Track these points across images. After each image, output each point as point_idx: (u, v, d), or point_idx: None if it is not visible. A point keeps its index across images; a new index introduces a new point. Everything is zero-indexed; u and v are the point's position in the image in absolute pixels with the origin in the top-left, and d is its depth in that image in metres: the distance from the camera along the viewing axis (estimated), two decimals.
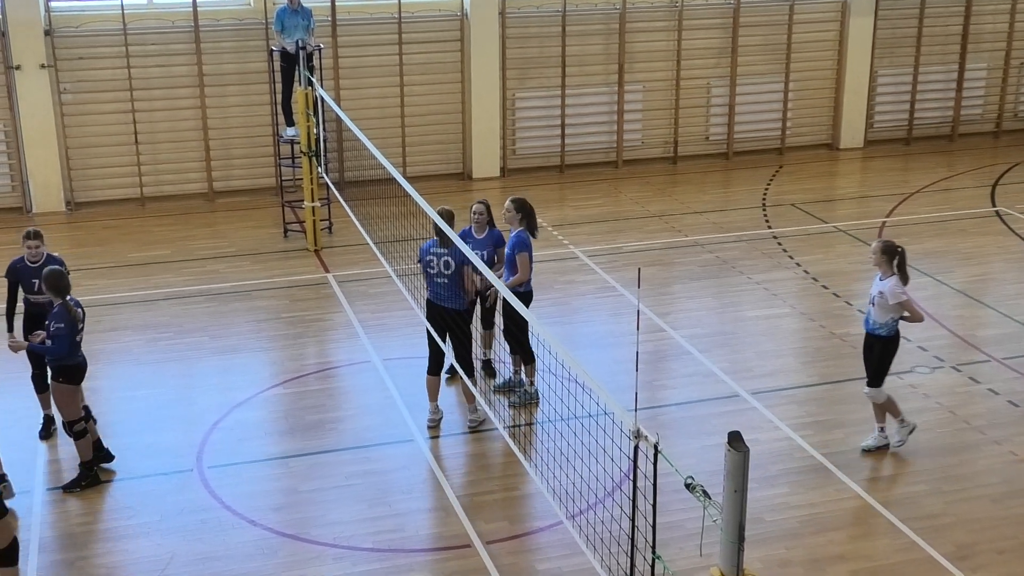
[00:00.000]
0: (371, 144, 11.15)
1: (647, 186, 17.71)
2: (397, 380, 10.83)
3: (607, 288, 13.25)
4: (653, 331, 11.93)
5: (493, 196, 17.99)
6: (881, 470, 9.30)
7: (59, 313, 8.59)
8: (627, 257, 14.36)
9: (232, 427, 10.00)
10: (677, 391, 10.60)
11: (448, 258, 9.40)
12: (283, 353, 11.60)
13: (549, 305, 12.68)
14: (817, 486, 9.05)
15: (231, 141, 17.16)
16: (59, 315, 8.59)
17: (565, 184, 18.00)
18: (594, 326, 12.18)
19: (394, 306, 12.62)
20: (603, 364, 11.00)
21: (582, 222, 15.88)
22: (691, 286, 13.37)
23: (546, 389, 10.15)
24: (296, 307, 12.82)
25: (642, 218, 16.06)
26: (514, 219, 9.97)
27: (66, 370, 8.75)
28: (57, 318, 8.59)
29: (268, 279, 13.71)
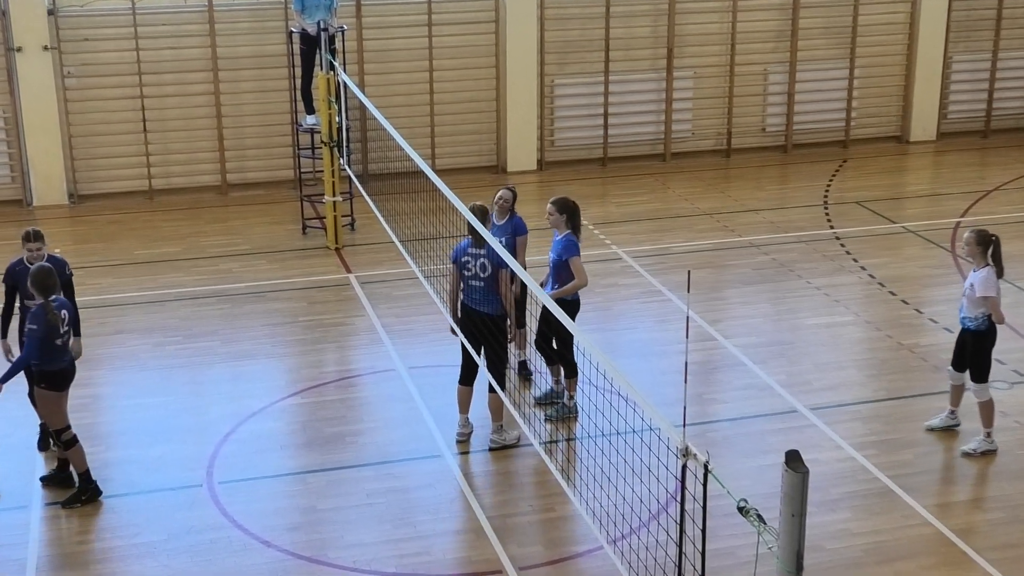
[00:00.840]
0: (397, 134, 11.18)
1: (697, 181, 17.65)
2: (424, 390, 10.85)
3: (653, 292, 13.22)
4: (703, 340, 11.89)
5: (529, 191, 18.01)
6: (954, 495, 9.22)
7: (36, 313, 8.63)
8: (675, 259, 14.32)
9: (245, 439, 10.06)
10: (729, 405, 10.56)
11: (484, 260, 9.42)
12: (301, 360, 11.65)
13: (590, 310, 12.66)
14: (883, 511, 8.98)
15: (246, 130, 17.27)
16: (36, 315, 8.62)
17: (608, 179, 17.97)
18: (638, 333, 12.16)
19: (421, 310, 12.65)
20: (648, 375, 10.97)
21: (626, 220, 15.85)
22: (745, 291, 13.32)
23: (586, 402, 10.14)
24: (315, 310, 12.87)
25: (692, 216, 16.01)
26: (559, 222, 9.97)
27: (48, 376, 8.77)
28: (33, 318, 8.62)
29: (285, 279, 13.77)
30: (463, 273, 9.53)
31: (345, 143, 14.34)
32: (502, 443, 9.83)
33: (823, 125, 19.33)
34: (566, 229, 9.95)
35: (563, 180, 17.47)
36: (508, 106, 17.84)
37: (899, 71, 19.41)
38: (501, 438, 9.84)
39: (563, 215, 9.93)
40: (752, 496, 6.31)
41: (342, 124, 14.22)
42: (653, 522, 8.51)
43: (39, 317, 8.62)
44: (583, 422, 10.07)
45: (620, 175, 18.06)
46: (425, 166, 10.14)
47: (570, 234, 9.93)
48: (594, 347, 6.91)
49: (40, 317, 8.61)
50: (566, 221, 9.95)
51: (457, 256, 9.58)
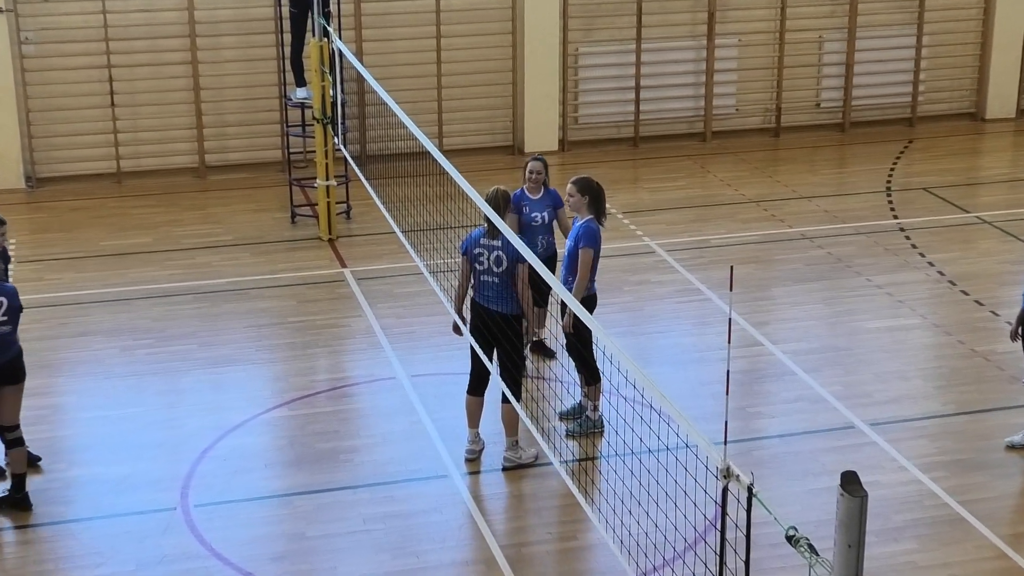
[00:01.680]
0: (400, 110, 11.18)
1: (742, 164, 17.62)
2: (428, 401, 10.85)
3: (690, 291, 13.20)
4: (748, 345, 11.86)
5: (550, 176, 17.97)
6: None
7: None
8: (716, 252, 14.30)
9: (225, 456, 10.07)
10: (777, 420, 10.54)
11: (500, 252, 9.41)
12: (288, 366, 11.66)
13: (617, 311, 12.65)
14: (953, 541, 8.95)
15: (228, 104, 17.29)
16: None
17: (640, 161, 17.94)
18: (673, 338, 12.14)
19: (426, 310, 12.65)
20: (684, 385, 10.95)
21: (660, 208, 15.82)
22: (796, 290, 13.28)
23: (613, 416, 10.13)
24: (305, 310, 12.89)
25: (735, 204, 15.98)
26: (580, 204, 9.94)
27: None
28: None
29: (271, 275, 13.79)
30: (475, 267, 9.53)
31: (340, 120, 14.35)
32: (517, 462, 9.83)
33: (886, 100, 19.27)
34: (588, 214, 9.92)
35: (588, 162, 17.45)
36: (526, 78, 17.83)
37: (974, 39, 19.34)
38: (516, 456, 9.84)
39: (585, 197, 9.90)
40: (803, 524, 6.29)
41: (337, 98, 14.23)
42: (689, 553, 8.49)
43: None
44: (610, 438, 10.05)
45: (653, 157, 18.03)
46: (431, 146, 10.14)
47: (591, 220, 9.90)
48: (622, 353, 6.89)
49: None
50: (588, 204, 9.92)
51: (468, 247, 9.56)
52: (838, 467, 9.49)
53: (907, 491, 9.53)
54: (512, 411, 9.59)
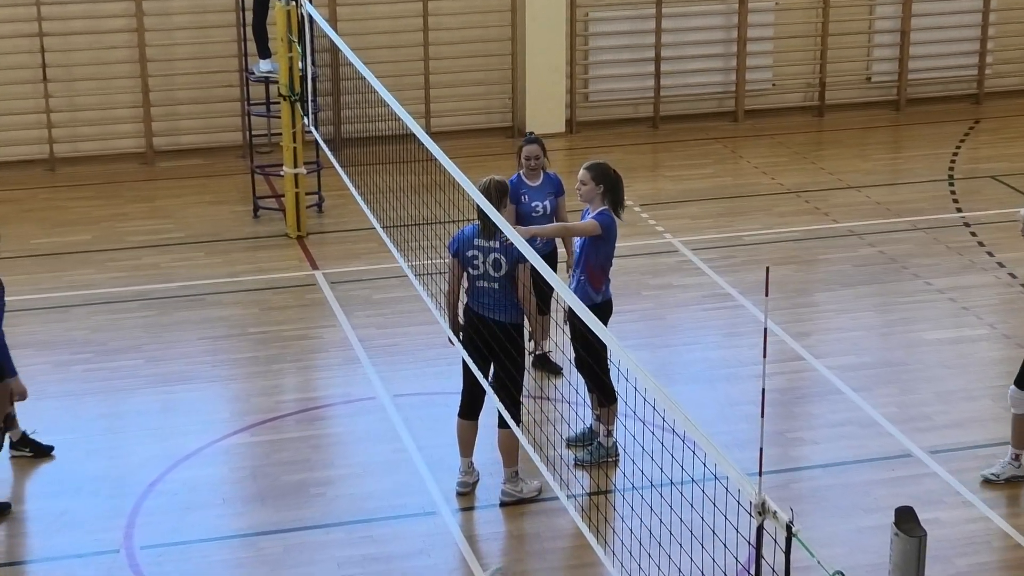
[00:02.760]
0: (380, 85, 11.18)
1: (779, 148, 17.61)
2: (414, 426, 10.84)
3: (719, 296, 13.20)
4: (787, 359, 11.86)
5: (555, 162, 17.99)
6: None
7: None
8: (749, 251, 14.30)
9: (177, 491, 10.07)
10: (821, 447, 10.54)
11: (498, 255, 9.40)
12: (251, 385, 11.66)
13: (635, 320, 12.64)
14: None
15: (179, 79, 17.30)
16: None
17: (660, 145, 17.94)
18: (700, 351, 12.14)
19: (410, 318, 12.65)
20: (712, 406, 10.95)
21: (684, 200, 15.82)
22: (843, 295, 13.29)
23: (629, 442, 10.13)
24: (270, 319, 12.89)
25: (772, 195, 15.98)
26: (593, 194, 9.93)
27: None
28: None
29: (230, 278, 13.79)
30: (468, 271, 9.52)
31: (310, 97, 14.36)
32: (517, 496, 9.83)
33: (948, 74, 19.28)
34: (602, 205, 9.92)
35: (600, 146, 17.45)
36: (527, 48, 17.83)
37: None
38: (516, 489, 9.84)
39: (600, 187, 9.90)
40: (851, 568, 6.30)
41: (306, 72, 14.23)
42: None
43: None
44: (626, 469, 10.05)
45: (676, 140, 18.02)
46: (417, 128, 10.14)
47: (605, 211, 9.89)
48: (640, 369, 6.89)
49: None
50: (603, 195, 9.92)
51: (459, 247, 9.55)
52: (892, 502, 9.47)
53: (972, 530, 9.52)
54: (511, 437, 9.58)
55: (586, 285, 9.92)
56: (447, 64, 17.87)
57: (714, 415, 10.71)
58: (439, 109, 17.90)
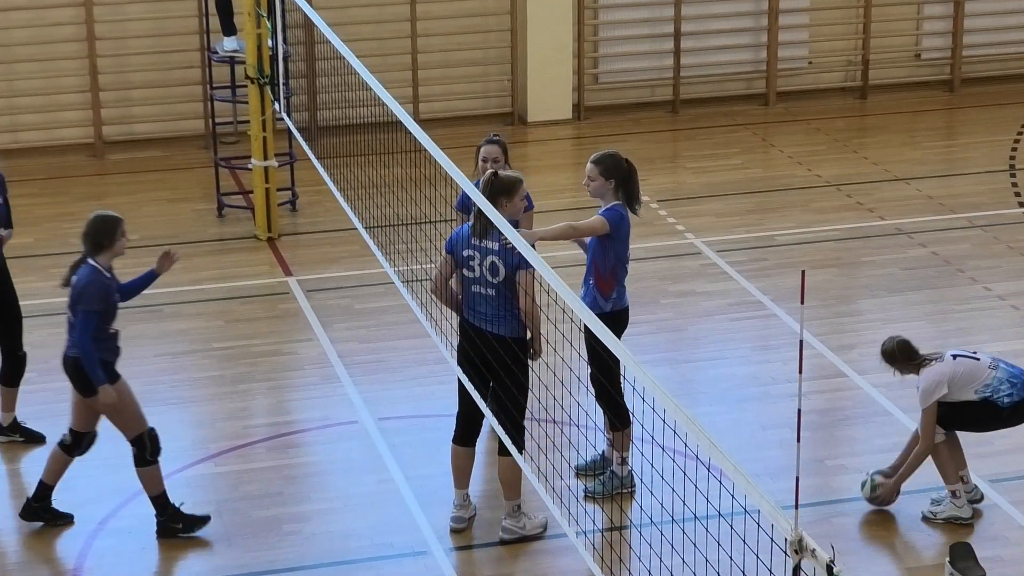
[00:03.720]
0: (362, 66, 11.17)
1: (816, 135, 17.61)
2: (401, 454, 10.83)
3: (748, 304, 13.20)
4: (826, 375, 11.85)
5: (561, 152, 18.00)
6: None
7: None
8: (782, 253, 14.29)
9: (131, 529, 10.06)
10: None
11: (495, 259, 9.39)
12: (215, 407, 11.65)
13: (652, 331, 12.63)
14: None
15: (132, 60, 17.31)
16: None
17: (681, 132, 17.94)
18: (726, 367, 12.13)
19: (397, 331, 12.64)
20: (742, 429, 10.95)
21: (708, 194, 15.82)
22: (890, 302, 13.30)
23: (646, 471, 10.11)
24: (238, 332, 12.89)
25: (808, 189, 15.97)
26: (603, 189, 9.92)
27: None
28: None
29: (192, 286, 13.78)
30: (463, 274, 9.52)
31: (282, 80, 14.36)
32: (520, 533, 9.82)
33: (1007, 50, 19.28)
34: (615, 199, 9.92)
35: (612, 134, 17.46)
36: (529, 24, 17.85)
37: None
38: (519, 525, 9.83)
39: (611, 181, 9.90)
40: None
41: (277, 51, 14.24)
42: None
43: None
44: (643, 501, 10.04)
45: (699, 126, 18.03)
46: (404, 115, 10.13)
47: (618, 206, 9.88)
48: (659, 388, 6.88)
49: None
50: (615, 190, 9.92)
51: (455, 246, 9.53)
52: (947, 538, 9.47)
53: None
54: (513, 466, 9.58)
55: (595, 291, 9.91)
56: (438, 42, 17.88)
57: (743, 440, 10.69)
58: (429, 93, 17.90)
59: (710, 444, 6.52)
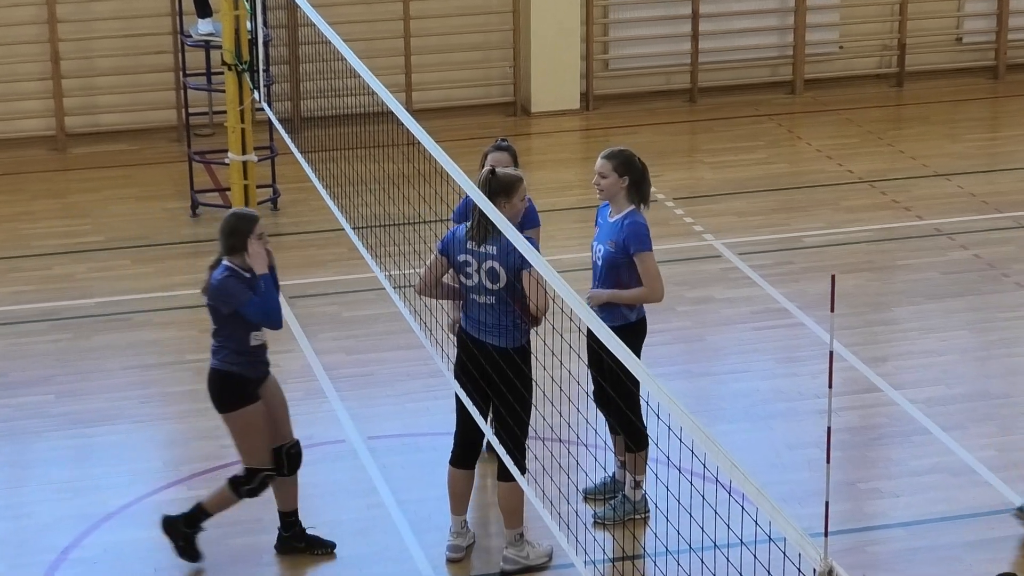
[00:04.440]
0: (350, 51, 11.19)
1: (848, 127, 17.62)
2: (392, 476, 10.85)
3: (773, 312, 13.22)
4: (858, 390, 11.87)
5: (568, 145, 17.99)
6: None
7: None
8: (810, 256, 14.30)
9: (97, 559, 10.07)
10: (903, 501, 10.55)
11: (495, 263, 9.40)
12: (188, 426, 11.66)
13: (668, 341, 12.64)
14: None
15: (97, 45, 17.32)
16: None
17: (699, 123, 17.95)
18: (749, 380, 12.16)
19: (388, 342, 12.65)
20: (766, 450, 10.97)
21: (728, 191, 15.82)
22: (928, 310, 13.31)
23: (662, 495, 10.12)
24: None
25: (839, 185, 15.98)
26: (616, 190, 9.92)
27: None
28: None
29: (163, 292, 13.79)
30: (460, 280, 9.54)
31: (262, 66, 14.38)
32: (523, 563, 9.82)
33: None
34: (628, 205, 9.94)
35: (624, 126, 17.48)
36: (533, 5, 17.86)
37: None
38: (521, 555, 9.84)
39: (624, 179, 9.92)
40: None
41: (256, 35, 14.26)
42: None
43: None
44: (658, 528, 10.04)
45: (719, 117, 18.04)
46: (396, 105, 10.16)
47: (635, 212, 9.92)
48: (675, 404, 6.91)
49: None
50: (628, 189, 9.94)
51: (450, 248, 9.53)
52: (990, 568, 9.48)
53: None
54: (515, 491, 9.58)
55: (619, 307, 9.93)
56: (433, 25, 17.90)
57: (768, 461, 10.71)
58: (423, 81, 17.91)
59: (731, 465, 6.54)
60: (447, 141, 9.70)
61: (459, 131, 16.55)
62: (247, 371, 9.70)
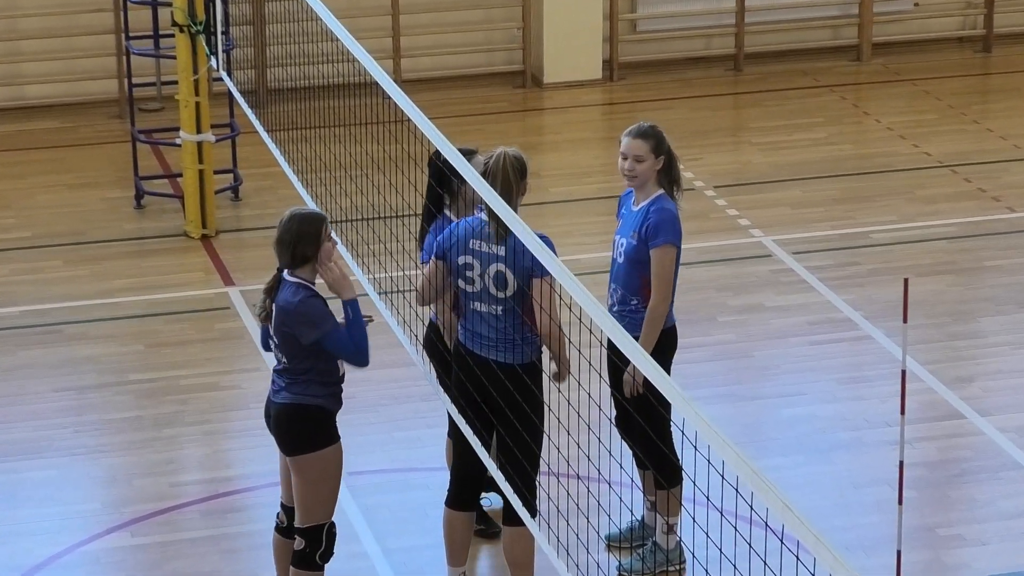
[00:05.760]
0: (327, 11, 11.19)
1: (925, 100, 17.64)
2: (376, 519, 10.88)
3: (834, 321, 13.24)
4: (938, 416, 11.88)
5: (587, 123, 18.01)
6: None
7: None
8: (879, 255, 14.31)
9: None
10: (990, 550, 10.53)
11: (503, 267, 9.40)
12: (133, 459, 11.69)
13: (708, 358, 12.64)
14: None
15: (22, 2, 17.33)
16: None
17: (744, 97, 17.97)
18: (805, 405, 12.16)
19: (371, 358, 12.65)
20: (827, 488, 10.97)
21: (781, 178, 15.83)
22: (1022, 320, 13.34)
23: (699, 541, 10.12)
24: (162, 360, 12.93)
25: (915, 170, 15.99)
26: (650, 172, 9.94)
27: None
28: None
29: (102, 299, 13.81)
30: (460, 285, 9.54)
31: (219, 28, 14.39)
32: None
33: None
34: (657, 189, 9.94)
35: (655, 99, 17.51)
36: None
37: None
38: None
39: (660, 159, 9.91)
40: None
41: None
42: None
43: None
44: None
45: (769, 89, 18.06)
46: (382, 75, 10.15)
47: (664, 197, 9.91)
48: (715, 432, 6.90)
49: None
50: (659, 173, 9.95)
51: (448, 248, 9.53)
52: None
53: None
54: (524, 537, 9.59)
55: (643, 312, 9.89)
56: None
57: (829, 502, 10.70)
58: (413, 46, 17.94)
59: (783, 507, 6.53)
60: (442, 118, 9.71)
61: (457, 106, 16.56)
62: (331, 404, 9.55)
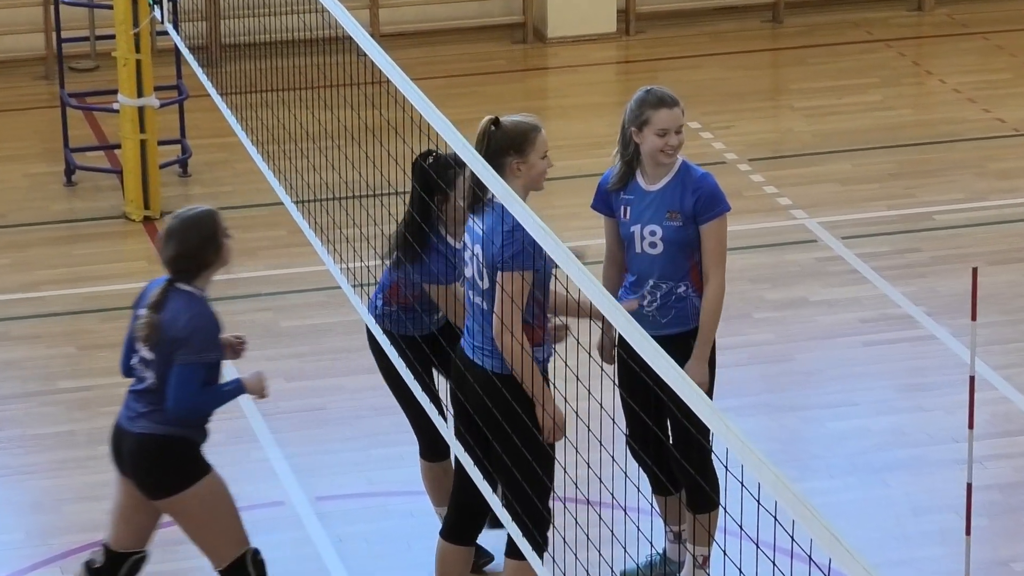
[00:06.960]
0: None
1: (998, 57, 17.69)
2: (352, 553, 10.92)
3: (891, 319, 13.29)
4: (1012, 431, 11.94)
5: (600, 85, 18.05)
6: None
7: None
8: (944, 241, 14.34)
9: None
10: None
11: (477, 246, 9.42)
12: (61, 482, 11.74)
13: (743, 361, 12.67)
14: None
15: None
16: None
17: (784, 53, 18.02)
18: (857, 417, 12.20)
19: (345, 364, 12.69)
20: (881, 514, 11.01)
21: (828, 149, 15.87)
22: None
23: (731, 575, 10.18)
24: (97, 364, 12.94)
25: (986, 140, 16.03)
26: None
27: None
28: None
29: (25, 293, 13.85)
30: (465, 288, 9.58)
31: None
32: None
33: None
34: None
35: (679, 56, 17.56)
36: None
37: None
38: None
39: None
40: None
41: None
42: None
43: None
44: None
45: (814, 44, 18.10)
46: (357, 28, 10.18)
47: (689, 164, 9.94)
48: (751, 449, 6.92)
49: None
50: None
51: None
52: None
53: None
54: (525, 572, 9.62)
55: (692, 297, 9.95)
56: None
57: (883, 531, 10.73)
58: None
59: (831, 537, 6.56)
60: (429, 79, 9.74)
61: (445, 65, 16.59)
62: (198, 436, 9.49)
